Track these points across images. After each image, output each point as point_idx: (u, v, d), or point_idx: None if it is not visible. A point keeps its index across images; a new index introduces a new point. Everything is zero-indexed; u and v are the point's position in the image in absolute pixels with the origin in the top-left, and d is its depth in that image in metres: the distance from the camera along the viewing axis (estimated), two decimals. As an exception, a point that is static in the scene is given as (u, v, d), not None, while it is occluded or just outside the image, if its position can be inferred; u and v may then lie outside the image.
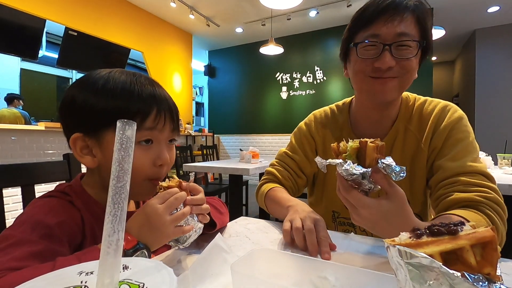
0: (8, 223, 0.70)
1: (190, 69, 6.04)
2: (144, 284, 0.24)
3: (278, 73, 6.23)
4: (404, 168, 0.48)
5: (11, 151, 2.79)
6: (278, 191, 0.87)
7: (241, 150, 2.93)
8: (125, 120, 0.24)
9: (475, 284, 0.24)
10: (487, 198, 0.63)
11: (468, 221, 0.55)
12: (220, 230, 0.71)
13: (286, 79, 6.15)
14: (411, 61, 0.70)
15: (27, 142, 2.90)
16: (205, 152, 3.72)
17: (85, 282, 0.25)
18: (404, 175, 0.48)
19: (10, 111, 4.27)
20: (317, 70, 5.84)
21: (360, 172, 0.50)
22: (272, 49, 4.58)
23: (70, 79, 7.07)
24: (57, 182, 0.82)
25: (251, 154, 2.64)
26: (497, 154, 2.23)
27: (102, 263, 0.23)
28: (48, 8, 3.56)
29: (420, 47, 0.70)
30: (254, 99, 6.52)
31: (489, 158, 2.08)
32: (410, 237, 0.30)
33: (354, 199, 0.52)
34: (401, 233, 0.31)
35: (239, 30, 5.85)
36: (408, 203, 0.54)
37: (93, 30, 4.07)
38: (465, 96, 6.22)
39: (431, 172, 0.76)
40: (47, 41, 5.87)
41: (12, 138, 2.79)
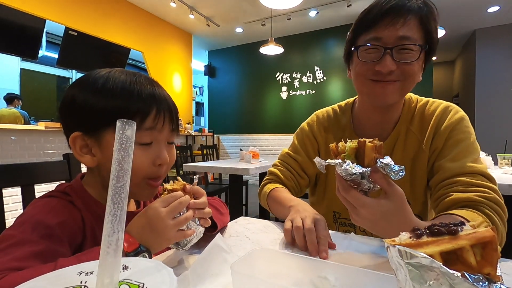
0: (8, 223, 0.70)
1: (190, 69, 6.04)
2: (144, 284, 0.24)
3: (278, 73, 6.23)
4: (403, 167, 0.48)
5: (11, 151, 2.78)
6: (280, 191, 0.87)
7: (241, 150, 2.93)
8: (125, 120, 0.24)
9: (475, 284, 0.24)
10: (487, 198, 0.62)
11: (468, 221, 0.55)
12: (221, 230, 0.71)
13: (286, 79, 6.15)
14: (413, 65, 0.69)
15: (27, 142, 2.90)
16: (205, 152, 3.72)
17: (85, 282, 0.24)
18: (403, 174, 0.48)
19: (10, 110, 4.28)
20: (317, 70, 5.84)
21: (359, 171, 0.50)
22: (272, 49, 4.58)
23: (70, 79, 7.08)
24: (57, 182, 0.82)
25: (251, 154, 2.63)
26: (497, 154, 2.23)
27: (102, 263, 0.23)
28: (48, 8, 3.56)
29: (422, 51, 0.69)
30: (254, 99, 6.52)
31: (489, 158, 2.08)
32: (410, 237, 0.30)
33: (354, 199, 0.52)
34: (401, 233, 0.31)
35: (239, 30, 5.85)
36: (409, 204, 0.54)
37: (93, 30, 4.07)
38: (465, 96, 6.22)
39: (432, 172, 0.76)
40: (47, 41, 5.87)
41: (12, 138, 2.79)
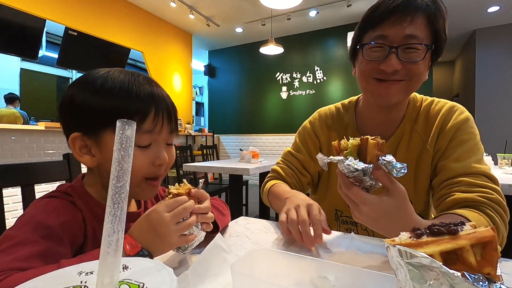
0: (8, 223, 0.70)
1: (190, 69, 6.04)
2: (144, 284, 0.24)
3: (278, 73, 6.23)
4: (405, 164, 0.48)
5: (11, 151, 2.78)
6: (279, 186, 0.87)
7: (241, 150, 2.93)
8: (125, 120, 0.24)
9: (475, 284, 0.24)
10: (489, 199, 0.62)
11: (469, 221, 0.54)
12: (221, 230, 0.71)
13: (286, 79, 6.15)
14: (418, 64, 0.68)
15: (27, 142, 2.90)
16: (205, 152, 3.72)
17: (85, 282, 0.24)
18: (406, 171, 0.48)
19: (10, 110, 4.28)
20: (317, 70, 5.84)
21: (361, 168, 0.49)
22: (272, 49, 4.58)
23: (70, 79, 7.08)
24: (57, 182, 0.82)
25: (251, 154, 2.63)
26: (497, 154, 2.23)
27: (102, 263, 0.23)
28: (48, 8, 3.56)
29: (429, 50, 0.68)
30: (254, 99, 6.52)
31: (489, 158, 2.08)
32: (410, 237, 0.30)
33: (355, 196, 0.52)
34: (401, 233, 0.31)
35: (239, 30, 5.85)
36: (411, 203, 0.54)
37: (93, 30, 4.07)
38: (465, 96, 6.22)
39: (435, 172, 0.75)
40: (47, 41, 5.87)
41: (12, 138, 2.79)
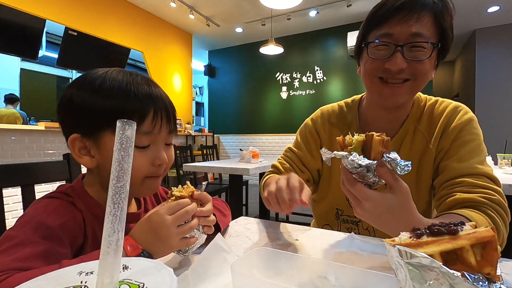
0: (8, 223, 0.70)
1: (190, 69, 6.04)
2: (144, 284, 0.24)
3: (278, 73, 6.23)
4: (410, 162, 0.48)
5: (11, 151, 2.78)
6: (274, 177, 0.85)
7: (241, 150, 2.93)
8: (125, 120, 0.24)
9: (475, 284, 0.24)
10: (490, 200, 0.62)
11: (470, 221, 0.54)
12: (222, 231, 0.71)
13: (286, 79, 6.15)
14: (424, 63, 0.67)
15: (27, 142, 2.90)
16: (205, 152, 3.72)
17: (85, 282, 0.25)
18: (410, 168, 0.47)
19: (9, 111, 4.29)
20: (317, 70, 5.84)
21: (365, 164, 0.49)
22: (272, 49, 4.58)
23: (70, 79, 7.08)
24: (57, 182, 0.82)
25: (251, 154, 2.63)
26: (497, 154, 2.23)
27: (102, 263, 0.23)
28: (48, 8, 3.56)
29: (435, 49, 0.67)
30: (254, 99, 6.52)
31: (489, 158, 2.08)
32: (410, 237, 0.30)
33: (358, 192, 0.51)
34: (401, 233, 0.31)
35: (239, 30, 5.85)
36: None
37: (93, 30, 4.07)
38: (465, 96, 6.22)
39: (437, 172, 0.75)
40: (47, 41, 5.87)
41: (12, 138, 2.79)
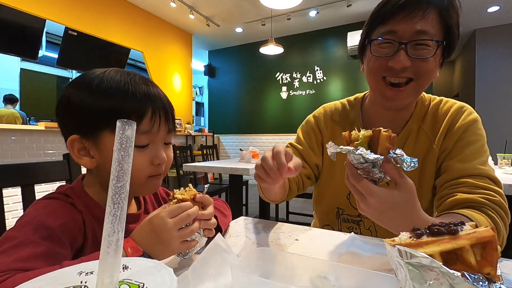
0: (8, 223, 0.70)
1: (190, 69, 6.03)
2: (144, 284, 0.24)
3: (278, 73, 6.23)
4: (416, 159, 0.47)
5: (11, 151, 2.79)
6: None
7: (241, 150, 2.93)
8: (125, 120, 0.24)
9: (475, 284, 0.24)
10: (491, 201, 0.62)
11: (471, 221, 0.54)
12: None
13: (286, 79, 6.15)
14: (429, 61, 0.66)
15: (27, 142, 2.90)
16: (205, 152, 3.72)
17: (85, 282, 0.24)
18: (416, 165, 0.47)
19: (9, 111, 4.30)
20: (317, 70, 5.84)
21: (372, 159, 0.48)
22: (272, 49, 4.58)
23: (70, 79, 7.08)
24: (57, 182, 0.82)
25: (251, 154, 2.63)
26: (497, 154, 2.23)
27: (102, 263, 0.23)
28: (48, 8, 3.56)
29: (439, 47, 0.66)
30: (254, 99, 6.52)
31: (489, 158, 2.07)
32: (410, 237, 0.30)
33: (363, 187, 0.51)
34: (401, 233, 0.31)
35: (239, 30, 5.85)
36: None
37: (93, 30, 4.07)
38: (465, 96, 6.22)
39: (439, 172, 0.75)
40: (47, 41, 5.87)
41: (12, 138, 2.79)
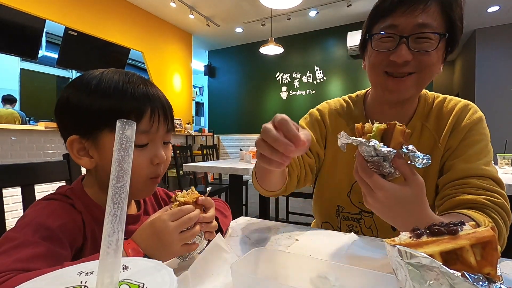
0: (8, 223, 0.70)
1: (190, 69, 6.03)
2: (144, 284, 0.24)
3: (278, 73, 6.22)
4: (429, 156, 0.47)
5: (11, 151, 2.79)
6: None
7: (241, 150, 2.93)
8: (125, 120, 0.24)
9: (475, 284, 0.24)
10: (494, 202, 0.62)
11: (474, 221, 0.54)
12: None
13: (286, 79, 6.15)
14: (431, 55, 0.65)
15: (27, 142, 2.90)
16: (205, 152, 3.72)
17: (85, 282, 0.24)
18: (429, 162, 0.46)
19: (8, 111, 4.30)
20: (317, 70, 5.84)
21: (385, 151, 0.48)
22: (272, 49, 4.58)
23: (70, 79, 7.08)
24: (57, 182, 0.83)
25: (251, 154, 2.63)
26: (497, 154, 2.23)
27: (102, 263, 0.23)
28: (48, 8, 3.56)
29: (442, 40, 0.65)
30: (254, 99, 6.52)
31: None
32: (410, 237, 0.30)
33: (372, 181, 0.50)
34: (401, 233, 0.31)
35: (239, 30, 5.84)
36: None
37: (93, 30, 4.07)
38: (465, 96, 6.22)
39: (442, 171, 0.74)
40: (47, 41, 5.87)
41: (12, 138, 2.79)
